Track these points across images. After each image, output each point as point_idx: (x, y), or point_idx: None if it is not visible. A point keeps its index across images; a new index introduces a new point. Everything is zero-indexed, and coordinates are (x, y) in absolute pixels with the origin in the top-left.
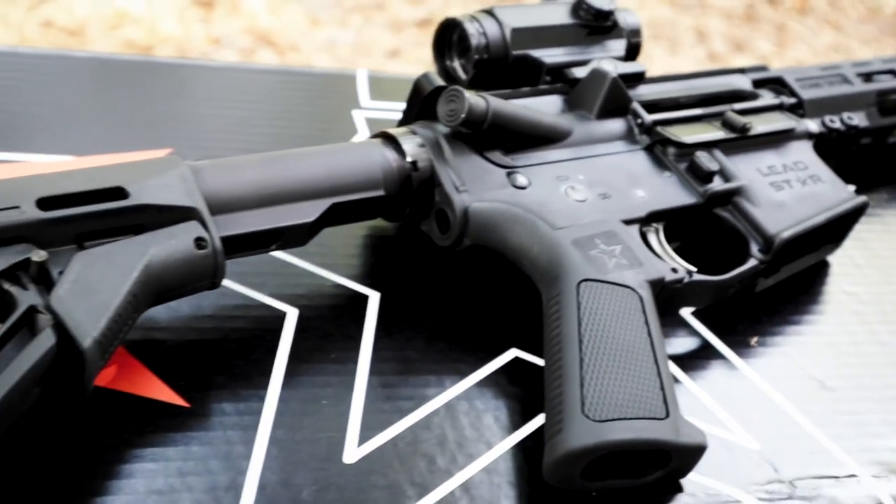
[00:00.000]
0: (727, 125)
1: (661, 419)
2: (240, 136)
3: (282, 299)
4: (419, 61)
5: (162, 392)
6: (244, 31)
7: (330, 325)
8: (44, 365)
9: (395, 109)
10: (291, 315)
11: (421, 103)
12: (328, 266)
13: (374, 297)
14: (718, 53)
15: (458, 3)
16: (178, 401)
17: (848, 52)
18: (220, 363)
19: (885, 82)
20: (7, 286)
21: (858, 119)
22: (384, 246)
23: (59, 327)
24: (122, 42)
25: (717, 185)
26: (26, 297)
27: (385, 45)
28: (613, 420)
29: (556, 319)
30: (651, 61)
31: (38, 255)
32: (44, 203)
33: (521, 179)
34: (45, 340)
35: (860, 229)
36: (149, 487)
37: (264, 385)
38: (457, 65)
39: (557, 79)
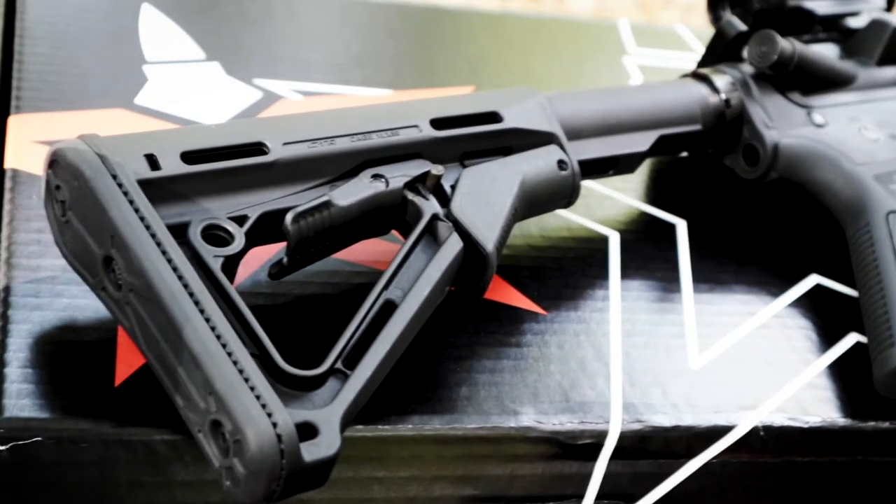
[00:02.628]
0: None
1: None
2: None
3: (603, 224)
4: None
5: (521, 300)
6: None
7: (648, 247)
8: (457, 265)
9: (663, 57)
10: (613, 238)
11: (724, 47)
12: (635, 196)
13: (681, 225)
14: None
15: None
16: (537, 309)
17: None
18: (563, 277)
19: None
20: (410, 196)
21: None
22: (682, 178)
23: (463, 234)
24: None
25: None
26: (428, 207)
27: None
28: None
29: (869, 247)
30: None
31: (437, 169)
32: (436, 123)
33: (818, 118)
34: (455, 244)
35: None
36: (523, 381)
37: (605, 297)
38: (729, 15)
39: (828, 28)
